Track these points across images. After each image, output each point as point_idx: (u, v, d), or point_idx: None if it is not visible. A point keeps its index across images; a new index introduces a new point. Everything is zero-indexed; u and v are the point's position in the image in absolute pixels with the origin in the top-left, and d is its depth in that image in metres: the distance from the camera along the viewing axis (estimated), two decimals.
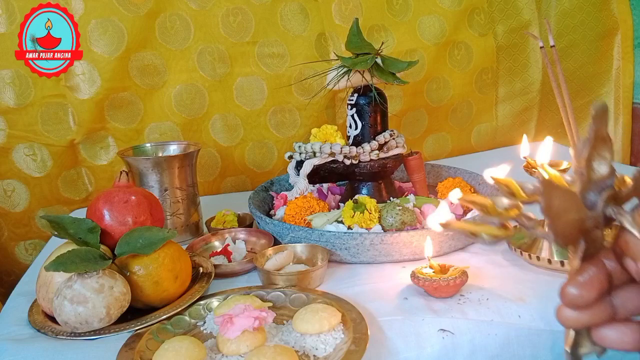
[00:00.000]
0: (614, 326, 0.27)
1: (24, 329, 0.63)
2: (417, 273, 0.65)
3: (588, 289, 0.26)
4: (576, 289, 0.26)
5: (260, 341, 0.54)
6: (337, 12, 1.16)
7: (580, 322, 0.27)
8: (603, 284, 0.26)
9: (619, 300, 0.27)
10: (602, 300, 0.27)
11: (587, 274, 0.26)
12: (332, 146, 0.85)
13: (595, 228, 0.27)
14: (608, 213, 0.26)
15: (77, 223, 0.66)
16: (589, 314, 0.27)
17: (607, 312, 0.27)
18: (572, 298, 0.26)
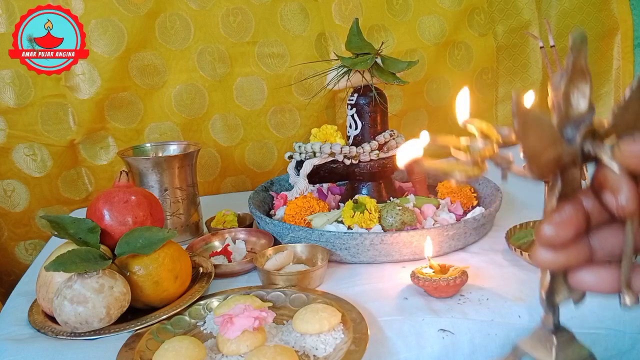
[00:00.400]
0: (592, 269, 0.26)
1: (24, 329, 0.63)
2: (417, 273, 0.65)
3: (565, 228, 0.25)
4: (552, 227, 0.25)
5: (260, 341, 0.54)
6: (337, 12, 1.16)
7: (557, 263, 0.26)
8: (580, 223, 0.25)
9: (597, 241, 0.26)
10: (579, 241, 0.26)
11: (564, 212, 0.25)
12: (332, 146, 0.85)
13: (572, 165, 0.25)
14: (586, 149, 0.25)
15: (77, 223, 0.66)
16: (566, 254, 0.25)
17: (585, 253, 0.26)
18: (548, 237, 0.25)
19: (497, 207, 0.82)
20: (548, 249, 0.25)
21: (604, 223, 0.26)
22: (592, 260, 0.26)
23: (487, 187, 0.92)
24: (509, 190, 0.96)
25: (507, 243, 0.75)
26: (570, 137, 0.25)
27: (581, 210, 0.25)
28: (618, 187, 0.24)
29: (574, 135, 0.25)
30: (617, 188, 0.24)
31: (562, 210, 0.25)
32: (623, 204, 0.24)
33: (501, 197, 0.85)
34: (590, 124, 0.25)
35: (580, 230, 0.25)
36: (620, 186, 0.23)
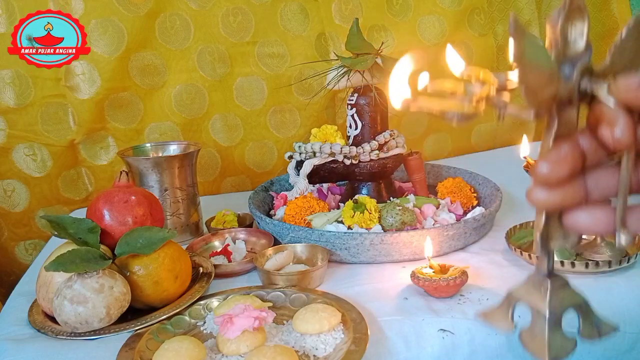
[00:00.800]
0: (587, 209, 0.26)
1: (24, 329, 0.63)
2: (417, 273, 0.65)
3: (560, 165, 0.25)
4: (548, 165, 0.25)
5: (260, 341, 0.54)
6: (337, 12, 1.16)
7: (552, 202, 0.26)
8: (576, 161, 0.25)
9: (593, 181, 0.26)
10: (574, 180, 0.26)
11: (560, 150, 0.25)
12: (332, 146, 0.85)
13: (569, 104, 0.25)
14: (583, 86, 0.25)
15: (77, 223, 0.66)
16: (561, 193, 0.25)
17: (580, 193, 0.26)
18: (544, 174, 0.25)
19: (497, 207, 0.82)
20: (544, 187, 0.25)
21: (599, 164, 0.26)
22: (587, 201, 0.26)
23: (487, 187, 0.92)
24: (509, 190, 0.96)
25: (507, 243, 0.75)
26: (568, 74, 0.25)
27: (577, 148, 0.25)
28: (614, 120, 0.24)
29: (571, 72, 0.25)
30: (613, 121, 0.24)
31: (558, 148, 0.25)
32: (618, 137, 0.24)
33: (501, 197, 0.85)
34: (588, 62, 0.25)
35: (575, 169, 0.25)
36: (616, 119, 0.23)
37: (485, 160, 1.25)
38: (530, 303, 0.29)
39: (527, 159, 0.76)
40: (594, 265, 0.66)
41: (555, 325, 0.28)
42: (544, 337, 0.28)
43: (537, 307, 0.29)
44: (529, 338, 0.29)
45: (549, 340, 0.28)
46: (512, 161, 0.85)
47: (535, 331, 0.28)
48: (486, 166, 1.05)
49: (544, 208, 0.27)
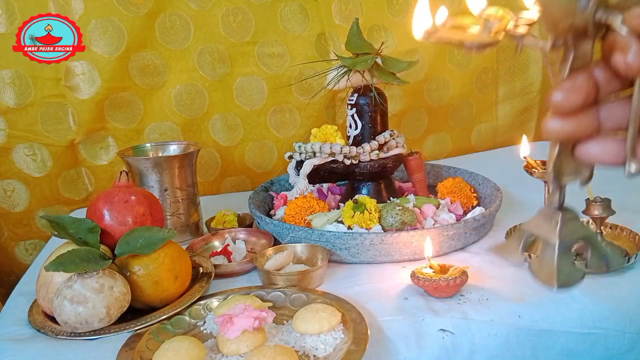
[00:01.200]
0: (598, 140, 0.27)
1: (24, 329, 0.63)
2: (417, 273, 0.65)
3: (575, 93, 0.26)
4: (562, 93, 0.26)
5: (260, 341, 0.54)
6: (337, 12, 1.16)
7: (565, 131, 0.26)
8: (590, 90, 0.26)
9: (605, 112, 0.27)
10: (587, 110, 0.26)
11: (575, 79, 0.26)
12: (332, 146, 0.85)
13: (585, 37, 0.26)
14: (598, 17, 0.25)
15: (77, 223, 0.66)
16: (575, 122, 0.26)
17: (593, 123, 0.27)
18: (559, 102, 0.26)
19: (497, 207, 0.82)
20: (558, 116, 0.26)
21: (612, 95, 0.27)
22: (599, 132, 0.27)
23: (487, 187, 0.92)
24: (509, 190, 0.96)
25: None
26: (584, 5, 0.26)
27: (591, 79, 0.26)
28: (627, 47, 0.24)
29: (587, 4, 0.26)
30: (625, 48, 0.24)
31: (573, 78, 0.26)
32: (631, 62, 0.24)
33: (501, 197, 0.85)
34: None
35: (589, 98, 0.26)
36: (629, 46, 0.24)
37: (485, 160, 1.25)
38: (540, 234, 0.30)
39: (527, 159, 0.76)
40: None
41: (565, 254, 0.29)
42: (553, 264, 0.28)
43: (547, 238, 0.29)
44: (538, 267, 0.29)
45: (558, 267, 0.28)
46: (512, 161, 0.85)
47: (545, 260, 0.29)
48: (486, 166, 1.05)
49: (558, 137, 0.28)
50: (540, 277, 0.29)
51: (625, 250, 0.70)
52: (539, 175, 0.74)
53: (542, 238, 0.30)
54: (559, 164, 0.29)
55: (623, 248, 0.71)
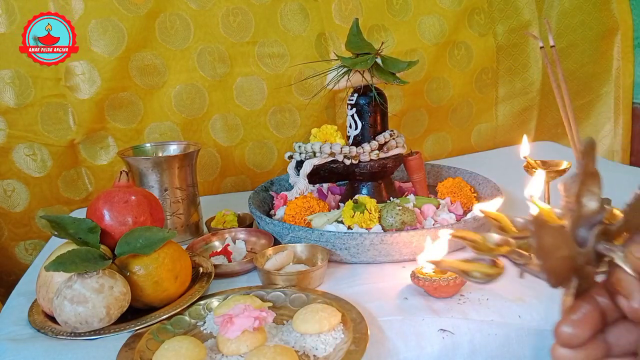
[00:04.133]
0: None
1: (24, 329, 0.63)
2: (417, 273, 0.65)
3: (582, 327, 0.26)
4: (570, 327, 0.26)
5: (260, 341, 0.54)
6: (337, 12, 1.16)
7: None
8: (597, 322, 0.26)
9: (613, 337, 0.27)
10: (596, 338, 0.26)
11: (581, 312, 0.26)
12: (332, 146, 0.85)
13: (586, 265, 0.26)
14: (599, 249, 0.26)
15: (77, 223, 0.66)
16: (584, 352, 0.26)
17: (602, 349, 0.27)
18: (567, 337, 0.26)
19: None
20: (567, 347, 0.26)
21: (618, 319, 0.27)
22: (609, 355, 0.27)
23: (487, 187, 0.92)
24: (509, 190, 0.96)
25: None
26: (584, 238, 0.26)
27: (597, 308, 0.26)
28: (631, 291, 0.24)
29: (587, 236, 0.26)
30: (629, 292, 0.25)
31: (578, 309, 0.26)
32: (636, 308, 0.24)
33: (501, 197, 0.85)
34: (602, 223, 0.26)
35: (596, 329, 0.26)
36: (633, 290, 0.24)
37: (485, 160, 1.25)
38: None
39: (527, 159, 0.76)
40: None
41: None
42: None
43: None
44: None
45: None
46: (512, 161, 0.85)
47: None
48: (486, 166, 1.05)
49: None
50: None
51: None
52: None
53: None
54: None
55: None
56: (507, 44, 1.32)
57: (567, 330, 0.26)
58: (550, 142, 1.35)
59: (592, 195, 0.26)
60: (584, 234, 0.26)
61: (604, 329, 0.27)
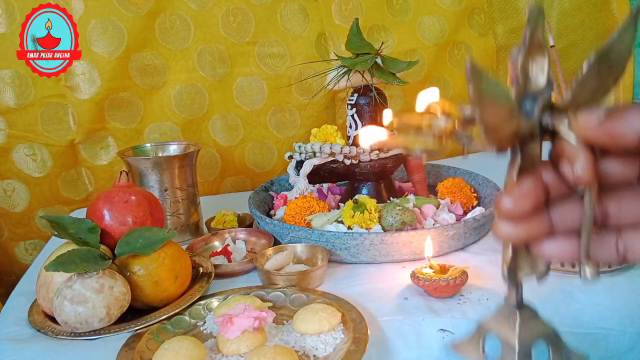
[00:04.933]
0: (553, 240, 0.26)
1: (24, 329, 0.63)
2: (417, 273, 0.65)
3: (523, 200, 0.25)
4: (511, 200, 0.25)
5: (260, 341, 0.54)
6: (337, 12, 1.16)
7: (517, 236, 0.26)
8: (539, 196, 0.26)
9: (557, 214, 0.26)
10: (539, 214, 0.26)
11: (523, 185, 0.26)
12: (332, 146, 0.85)
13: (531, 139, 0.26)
14: (544, 122, 0.25)
15: (77, 223, 0.66)
16: (526, 227, 0.26)
17: (545, 226, 0.26)
18: (508, 209, 0.25)
19: None
20: (508, 221, 0.26)
21: (563, 197, 0.26)
22: (553, 233, 0.26)
23: (487, 187, 0.92)
24: None
25: None
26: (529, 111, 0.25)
27: (540, 183, 0.26)
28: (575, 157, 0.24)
29: (532, 108, 0.25)
30: (573, 158, 0.24)
31: (521, 183, 0.26)
32: (579, 173, 0.24)
33: None
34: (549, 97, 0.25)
35: (539, 203, 0.26)
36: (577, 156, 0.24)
37: (485, 160, 1.25)
38: (500, 334, 0.30)
39: None
40: None
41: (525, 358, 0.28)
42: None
43: (507, 339, 0.29)
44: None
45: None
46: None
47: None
48: (486, 166, 1.05)
49: (510, 242, 0.27)
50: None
51: None
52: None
53: (501, 338, 0.29)
54: (514, 262, 0.28)
55: None
56: (507, 44, 1.32)
57: (508, 202, 0.25)
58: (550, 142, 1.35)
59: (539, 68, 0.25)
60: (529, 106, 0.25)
61: (548, 206, 0.26)
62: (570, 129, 0.24)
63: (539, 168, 0.26)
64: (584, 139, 0.24)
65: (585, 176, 0.24)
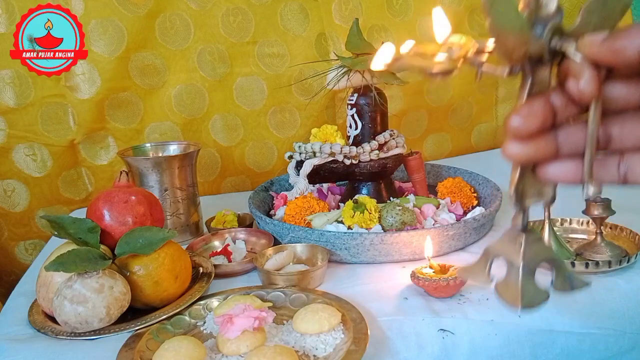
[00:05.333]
0: (558, 162, 0.28)
1: (24, 329, 0.63)
2: (417, 273, 0.65)
3: (531, 119, 0.27)
4: (519, 118, 0.27)
5: (260, 341, 0.54)
6: (337, 12, 1.16)
7: (524, 154, 0.27)
8: (546, 115, 0.27)
9: (563, 137, 0.28)
10: (545, 135, 0.27)
11: (532, 104, 0.27)
12: (332, 146, 0.85)
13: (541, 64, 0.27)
14: (553, 44, 0.26)
15: (77, 223, 0.66)
16: (533, 146, 0.27)
17: (551, 147, 0.28)
18: (516, 127, 0.27)
19: (497, 207, 0.82)
20: (516, 141, 0.27)
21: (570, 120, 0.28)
22: (559, 155, 0.28)
23: (487, 187, 0.92)
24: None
25: None
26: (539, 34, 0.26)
27: (548, 104, 0.27)
28: (580, 73, 0.25)
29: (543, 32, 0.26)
30: (578, 74, 0.25)
31: (530, 103, 0.27)
32: (583, 88, 0.25)
33: (501, 197, 0.85)
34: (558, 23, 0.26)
35: (546, 123, 0.27)
36: (582, 71, 0.25)
37: (485, 160, 1.25)
38: (505, 256, 0.31)
39: None
40: (594, 265, 0.66)
41: (529, 276, 0.29)
42: (518, 286, 0.29)
43: (512, 260, 0.30)
44: (503, 288, 0.30)
45: (523, 289, 0.29)
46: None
47: (510, 282, 0.30)
48: (486, 166, 1.05)
49: (517, 161, 0.28)
50: (505, 297, 0.30)
51: (625, 250, 0.70)
52: None
53: (507, 260, 0.31)
54: (521, 186, 0.29)
55: (623, 248, 0.71)
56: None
57: (517, 120, 0.27)
58: None
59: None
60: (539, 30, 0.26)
61: (555, 128, 0.28)
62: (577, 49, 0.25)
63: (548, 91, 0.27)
64: (588, 56, 0.25)
65: (589, 91, 0.25)
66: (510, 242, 0.31)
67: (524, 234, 0.30)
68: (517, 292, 0.29)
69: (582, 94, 0.25)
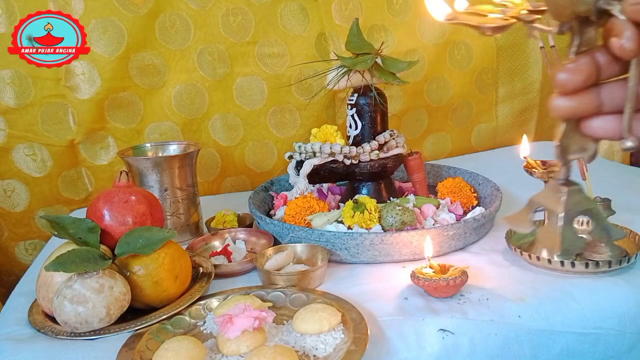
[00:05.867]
0: (600, 117, 0.30)
1: (24, 329, 0.63)
2: (417, 273, 0.65)
3: (577, 74, 0.29)
4: (566, 73, 0.29)
5: (260, 341, 0.54)
6: (337, 12, 1.16)
7: (569, 108, 0.29)
8: (591, 71, 0.29)
9: (606, 93, 0.30)
10: (590, 90, 0.29)
11: (577, 61, 0.29)
12: (332, 146, 0.85)
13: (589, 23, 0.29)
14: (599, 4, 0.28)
15: (77, 223, 0.66)
16: (577, 100, 0.29)
17: (595, 102, 0.29)
18: (562, 81, 0.29)
19: (497, 207, 0.82)
20: (563, 95, 0.29)
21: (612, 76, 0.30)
22: (601, 111, 0.30)
23: (487, 187, 0.92)
24: (509, 190, 0.96)
25: (507, 243, 0.75)
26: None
27: (593, 61, 0.29)
28: (622, 31, 0.27)
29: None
30: (621, 32, 0.27)
31: (576, 60, 0.29)
32: (625, 45, 0.27)
33: (501, 197, 0.85)
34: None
35: (591, 78, 0.29)
36: (624, 30, 0.27)
37: (485, 160, 1.25)
38: (547, 206, 0.33)
39: (527, 159, 0.76)
40: (594, 265, 0.66)
41: (569, 224, 0.31)
42: (558, 233, 0.31)
43: (553, 209, 0.32)
44: (543, 235, 0.32)
45: (562, 235, 0.31)
46: (512, 161, 0.85)
47: (550, 228, 0.32)
48: (486, 166, 1.05)
49: (563, 114, 0.30)
50: (545, 243, 0.32)
51: (625, 250, 0.70)
52: (539, 176, 0.74)
53: (548, 209, 0.33)
54: (565, 141, 0.31)
55: (623, 248, 0.71)
56: (507, 44, 1.32)
57: (563, 75, 0.29)
58: (550, 142, 1.35)
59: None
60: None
61: (598, 85, 0.30)
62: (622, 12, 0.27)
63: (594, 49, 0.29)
64: (632, 18, 0.27)
65: (630, 49, 0.27)
66: (553, 193, 0.33)
67: (566, 185, 0.32)
68: (556, 239, 0.31)
69: (624, 51, 0.27)
